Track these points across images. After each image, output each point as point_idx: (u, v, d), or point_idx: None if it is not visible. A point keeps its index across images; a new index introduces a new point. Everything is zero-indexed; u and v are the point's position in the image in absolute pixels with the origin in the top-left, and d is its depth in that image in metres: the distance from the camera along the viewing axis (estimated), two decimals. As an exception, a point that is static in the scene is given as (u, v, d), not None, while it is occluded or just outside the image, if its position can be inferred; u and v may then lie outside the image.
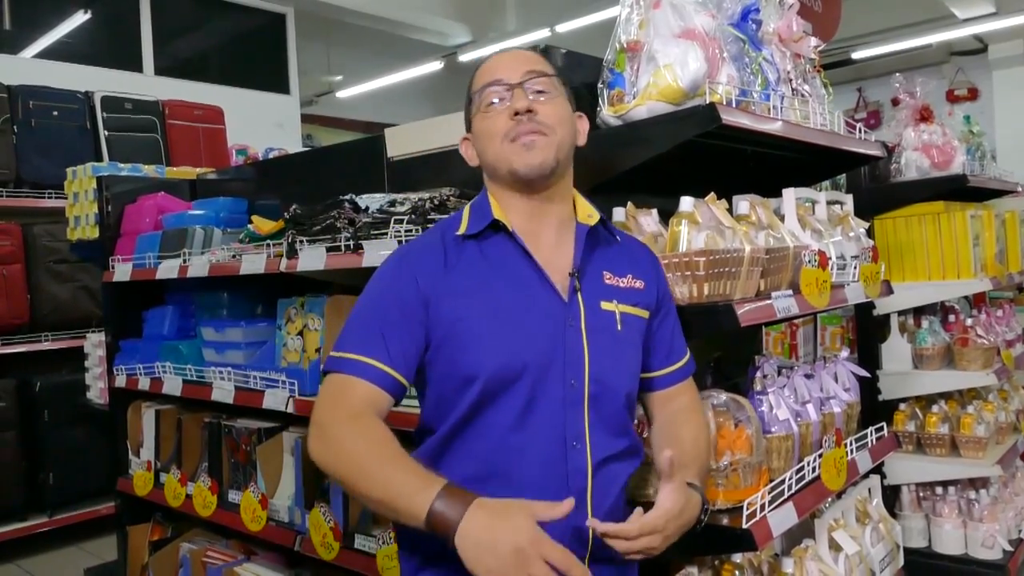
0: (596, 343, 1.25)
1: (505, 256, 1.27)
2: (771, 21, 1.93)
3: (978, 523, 2.97)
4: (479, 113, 1.29)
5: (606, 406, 1.26)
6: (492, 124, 1.26)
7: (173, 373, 2.70)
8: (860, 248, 1.95)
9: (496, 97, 1.26)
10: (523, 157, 1.23)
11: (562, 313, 1.24)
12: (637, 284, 1.34)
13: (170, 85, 5.69)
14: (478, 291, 1.24)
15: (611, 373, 1.27)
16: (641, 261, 1.38)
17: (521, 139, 1.23)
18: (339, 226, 2.10)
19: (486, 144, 1.28)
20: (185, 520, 2.86)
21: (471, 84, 1.32)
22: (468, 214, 1.32)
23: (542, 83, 1.27)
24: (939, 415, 3.01)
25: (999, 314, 3.41)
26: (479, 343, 1.21)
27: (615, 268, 1.33)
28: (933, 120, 3.08)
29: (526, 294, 1.24)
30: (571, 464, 1.21)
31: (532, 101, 1.24)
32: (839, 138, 1.86)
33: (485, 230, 1.28)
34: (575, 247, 1.30)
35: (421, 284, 1.23)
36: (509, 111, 1.24)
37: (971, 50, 8.11)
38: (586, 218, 1.33)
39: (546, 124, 1.24)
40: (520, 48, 1.35)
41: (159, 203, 3.02)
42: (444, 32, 7.72)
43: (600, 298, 1.28)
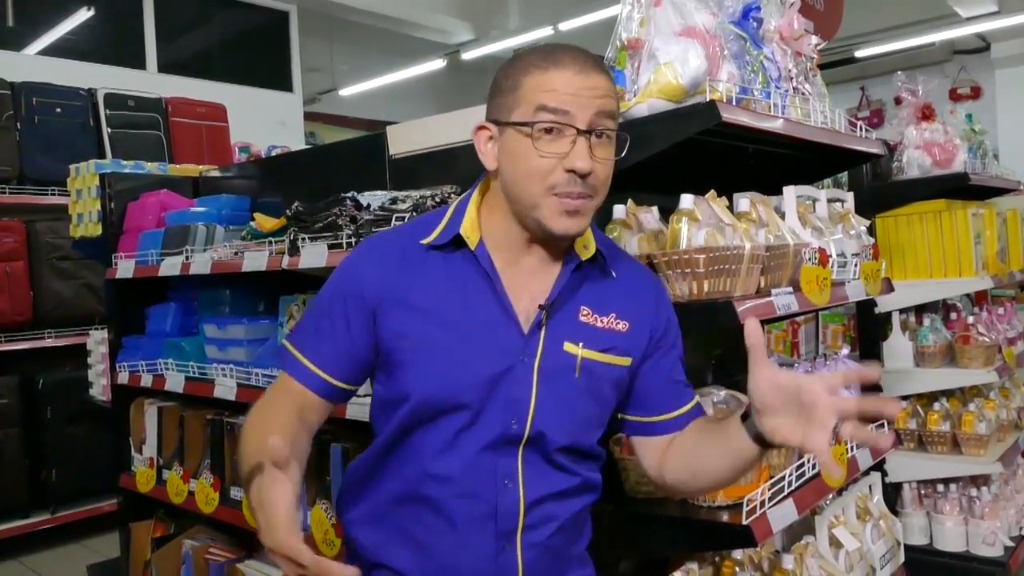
0: (547, 388, 1.14)
1: (468, 276, 1.16)
2: (772, 19, 1.93)
3: (979, 520, 2.98)
4: (525, 135, 1.09)
5: (547, 450, 1.16)
6: (540, 165, 1.08)
7: (176, 370, 2.71)
8: (861, 246, 1.96)
9: (549, 130, 1.08)
10: (562, 222, 1.09)
11: (518, 348, 1.14)
12: (619, 326, 1.19)
13: (173, 82, 5.70)
14: (430, 310, 1.14)
15: (556, 424, 1.15)
16: (636, 300, 1.23)
17: (566, 201, 1.08)
18: (341, 223, 2.11)
19: (522, 179, 1.10)
20: (187, 517, 2.87)
21: (522, 80, 1.10)
22: (445, 221, 1.20)
23: (607, 126, 1.10)
24: (940, 413, 3.02)
25: (1000, 312, 3.41)
26: (416, 366, 1.13)
27: (598, 305, 1.20)
28: (935, 118, 3.09)
29: (482, 322, 1.14)
30: (501, 502, 1.14)
31: (593, 157, 1.08)
32: (840, 136, 1.86)
33: (451, 244, 1.17)
34: (558, 278, 1.17)
35: (370, 291, 1.16)
36: (565, 163, 1.07)
37: (974, 49, 8.10)
38: (581, 249, 1.19)
39: (595, 187, 1.10)
40: (596, 66, 1.12)
41: (162, 200, 3.02)
42: (447, 30, 7.72)
43: (566, 338, 1.16)
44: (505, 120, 1.12)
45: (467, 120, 2.33)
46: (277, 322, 2.49)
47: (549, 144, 1.08)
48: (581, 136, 1.07)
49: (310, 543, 2.19)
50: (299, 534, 0.95)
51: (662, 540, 1.53)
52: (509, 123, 1.11)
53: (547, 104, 1.07)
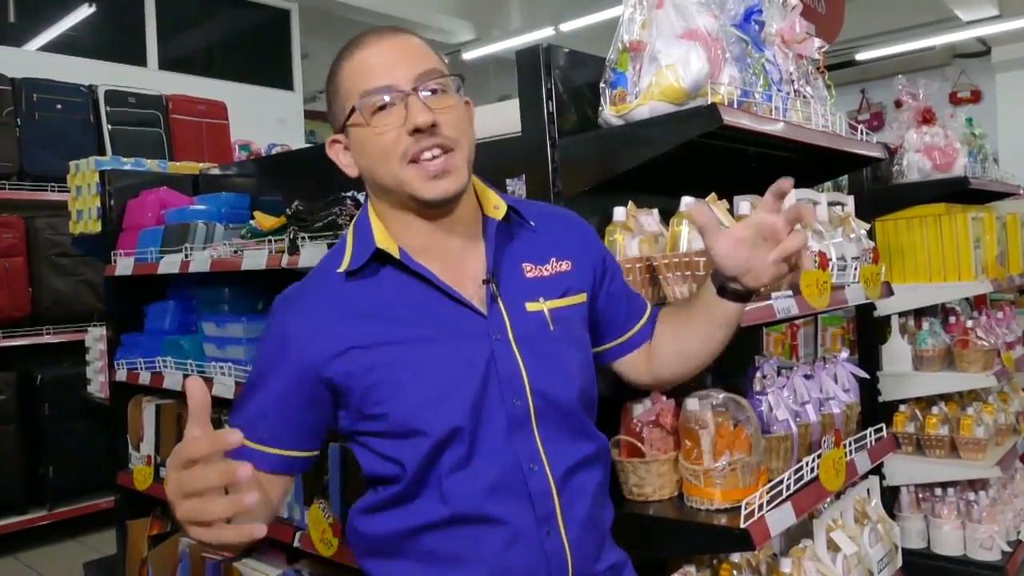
0: (530, 352, 1.12)
1: (402, 285, 1.11)
2: (774, 22, 1.93)
3: (977, 524, 2.98)
4: (362, 125, 1.07)
5: (557, 416, 1.14)
6: (384, 141, 1.06)
7: (174, 368, 2.71)
8: (861, 249, 1.96)
9: (383, 105, 1.06)
10: (432, 187, 1.06)
11: (484, 329, 1.10)
12: (563, 267, 1.19)
13: (174, 80, 5.71)
14: (384, 335, 1.09)
15: (554, 381, 1.14)
16: (564, 237, 1.23)
17: (427, 165, 1.06)
18: (340, 222, 2.11)
19: (376, 164, 1.08)
20: (185, 515, 2.86)
21: (341, 79, 1.10)
22: (351, 244, 1.14)
23: (436, 81, 1.08)
24: (939, 416, 3.02)
25: (999, 316, 3.42)
26: (407, 394, 1.08)
27: (534, 256, 1.18)
28: (935, 122, 3.09)
29: (437, 322, 1.10)
30: (533, 488, 1.10)
31: (431, 110, 1.05)
32: (840, 139, 1.86)
33: (371, 261, 1.11)
34: (486, 248, 1.15)
35: (308, 349, 1.09)
36: (406, 125, 1.05)
37: (974, 52, 8.11)
38: (492, 211, 1.17)
39: (451, 137, 1.06)
40: (394, 31, 1.11)
41: (161, 198, 3.02)
42: (448, 30, 7.72)
43: (524, 299, 1.14)
44: (342, 122, 1.11)
45: (468, 120, 2.36)
46: (276, 321, 2.49)
47: (384, 119, 1.06)
48: (410, 96, 1.05)
49: (307, 543, 2.19)
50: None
51: (659, 543, 1.53)
52: (347, 124, 1.10)
53: (366, 86, 1.07)
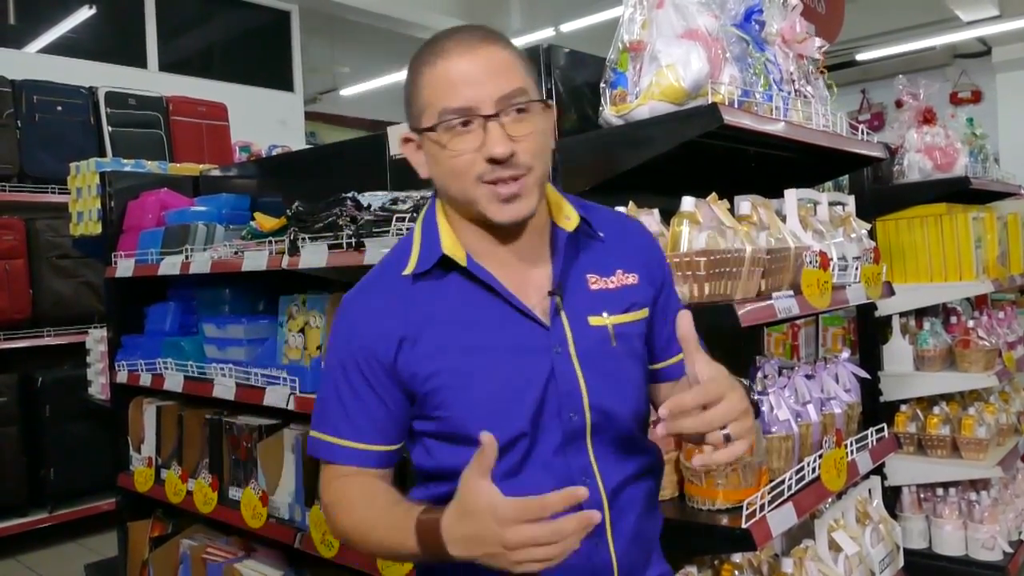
0: (590, 368, 1.10)
1: (466, 292, 1.10)
2: (775, 22, 1.93)
3: (978, 524, 2.98)
4: (437, 140, 1.04)
5: (612, 432, 1.13)
6: (459, 163, 1.03)
7: (175, 369, 2.71)
8: (862, 249, 1.96)
9: (464, 123, 1.03)
10: (503, 211, 1.04)
11: (546, 342, 1.09)
12: (629, 279, 1.16)
13: (174, 81, 5.70)
14: (446, 341, 1.08)
15: (613, 399, 1.12)
16: (632, 249, 1.20)
17: (499, 188, 1.03)
18: (341, 224, 2.10)
19: (448, 180, 1.06)
20: (186, 517, 2.86)
21: (421, 84, 1.07)
22: (418, 245, 1.13)
23: (520, 100, 1.04)
24: (940, 416, 3.01)
25: (1000, 316, 3.41)
26: (461, 403, 1.08)
27: (600, 267, 1.16)
28: (936, 122, 3.09)
29: (500, 332, 1.08)
30: (584, 502, 1.08)
31: (511, 138, 1.02)
32: (841, 139, 1.86)
33: (437, 266, 1.10)
34: (554, 258, 1.13)
35: (381, 348, 1.09)
36: (483, 152, 1.02)
37: (975, 53, 8.10)
38: (564, 222, 1.14)
39: (525, 165, 1.03)
40: (483, 41, 1.05)
41: (162, 199, 3.02)
42: (448, 31, 7.71)
43: (587, 313, 1.12)
44: (418, 127, 1.08)
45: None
46: (277, 322, 2.49)
47: (461, 141, 1.03)
48: (490, 121, 1.02)
49: (308, 544, 2.19)
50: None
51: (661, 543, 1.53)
52: (421, 130, 1.07)
53: (448, 105, 1.03)
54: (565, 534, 0.90)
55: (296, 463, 2.37)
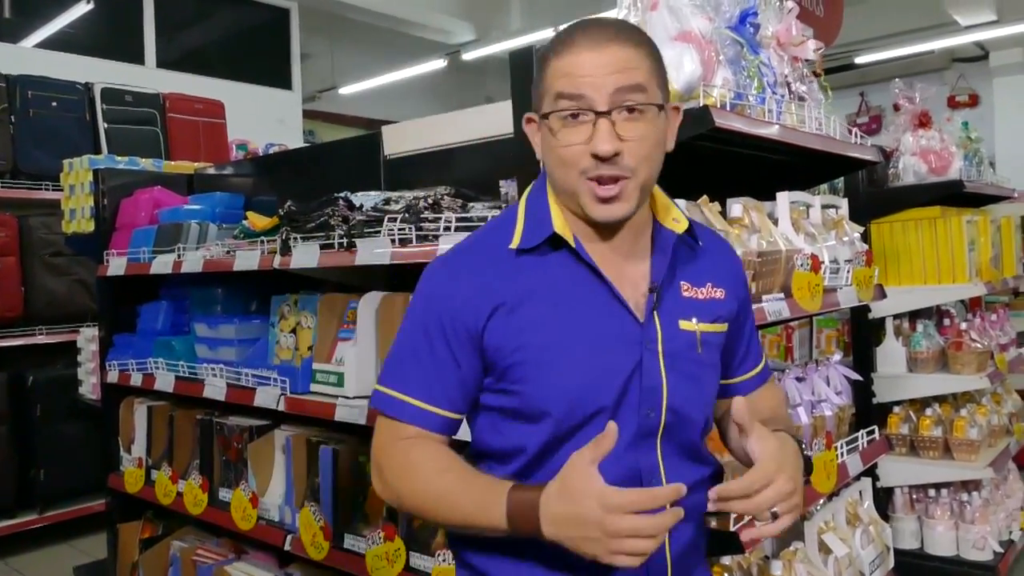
0: (675, 369, 1.11)
1: (569, 273, 1.10)
2: (770, 24, 1.93)
3: (970, 525, 2.98)
4: (551, 126, 1.06)
5: (681, 435, 1.13)
6: (567, 153, 1.05)
7: (166, 369, 2.70)
8: (854, 252, 1.95)
9: (574, 115, 1.04)
10: (599, 208, 1.06)
11: (638, 336, 1.09)
12: (717, 294, 1.18)
13: (172, 78, 5.69)
14: (545, 317, 1.08)
15: (690, 402, 1.13)
16: (722, 265, 1.22)
17: (598, 189, 1.05)
18: (333, 224, 2.10)
19: (556, 167, 1.08)
20: (176, 518, 2.85)
21: (546, 70, 1.08)
22: (523, 220, 1.13)
23: (634, 100, 1.03)
24: (932, 418, 3.02)
25: (993, 318, 3.42)
26: (546, 379, 1.07)
27: (694, 277, 1.17)
28: (931, 126, 3.09)
29: (597, 317, 1.09)
30: None
31: (619, 137, 1.03)
32: (834, 143, 1.86)
33: (544, 243, 1.11)
34: (657, 257, 1.14)
35: (471, 311, 1.08)
36: (589, 148, 1.03)
37: (973, 57, 8.10)
38: (672, 223, 1.15)
39: (629, 167, 1.04)
40: (612, 38, 1.05)
41: (155, 197, 3.01)
42: (448, 30, 7.71)
43: (679, 316, 1.13)
44: (537, 112, 1.11)
45: (462, 121, 2.35)
46: (268, 322, 2.48)
47: (572, 132, 1.04)
48: (601, 118, 1.02)
49: (298, 546, 2.19)
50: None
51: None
52: (540, 114, 1.10)
53: (563, 91, 1.04)
54: (663, 528, 0.93)
55: (286, 464, 2.36)
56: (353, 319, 2.20)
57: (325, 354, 2.25)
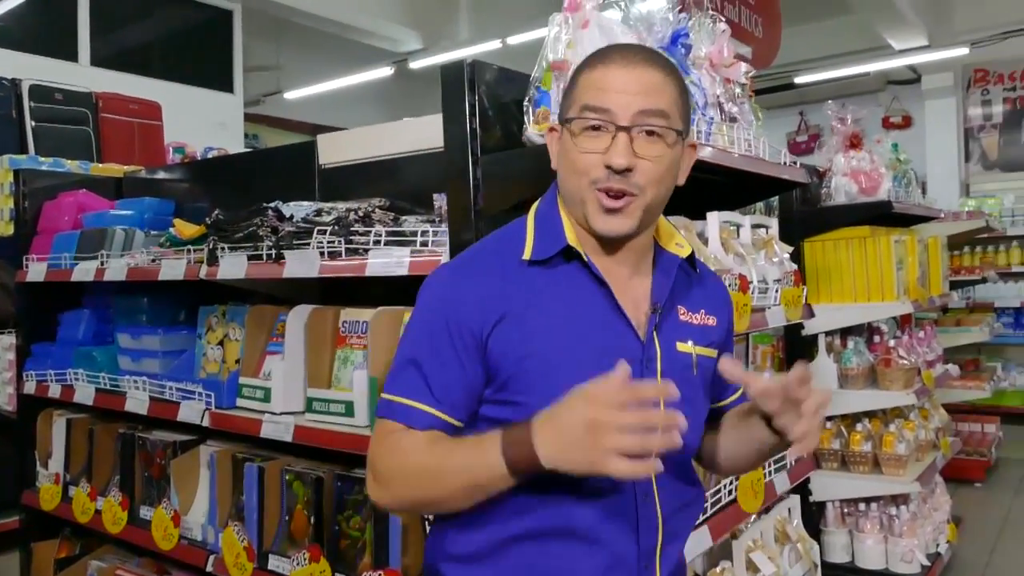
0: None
1: (577, 287, 1.12)
2: (703, 45, 1.94)
3: (898, 538, 3.06)
4: (572, 134, 1.10)
5: (674, 456, 1.11)
6: (581, 161, 1.08)
7: (86, 381, 2.59)
8: (783, 272, 1.98)
9: (595, 127, 1.08)
10: (602, 220, 1.09)
11: (639, 354, 1.11)
12: (710, 321, 1.22)
13: (107, 77, 5.51)
14: (551, 328, 1.09)
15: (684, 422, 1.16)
16: (715, 295, 1.27)
17: (604, 200, 1.08)
18: (261, 234, 2.04)
19: (569, 173, 1.11)
20: (95, 537, 2.73)
21: (577, 80, 1.12)
22: (533, 232, 1.15)
23: (655, 123, 1.08)
24: (863, 433, 3.08)
25: (921, 335, 3.51)
26: (550, 390, 1.04)
27: (691, 303, 1.21)
28: (862, 147, 3.16)
29: (602, 332, 1.11)
30: (642, 519, 1.11)
31: (635, 155, 1.06)
32: (763, 164, 1.88)
33: (555, 256, 1.12)
34: (660, 279, 1.17)
35: (478, 317, 1.08)
36: (604, 159, 1.07)
37: (906, 80, 8.37)
38: (675, 248, 1.19)
39: (639, 185, 1.07)
40: (645, 61, 1.10)
41: (80, 201, 2.90)
42: (395, 38, 7.65)
43: (677, 338, 1.16)
44: (561, 119, 1.14)
45: (398, 132, 2.32)
46: (195, 333, 2.41)
47: (591, 141, 1.08)
48: (621, 132, 1.06)
49: (220, 567, 2.11)
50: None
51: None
52: (563, 121, 1.13)
53: (590, 102, 1.08)
54: (652, 425, 0.92)
55: (211, 481, 2.29)
56: (282, 332, 2.14)
57: (253, 368, 2.19)
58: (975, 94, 8.09)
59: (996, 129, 8.02)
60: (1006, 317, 7.02)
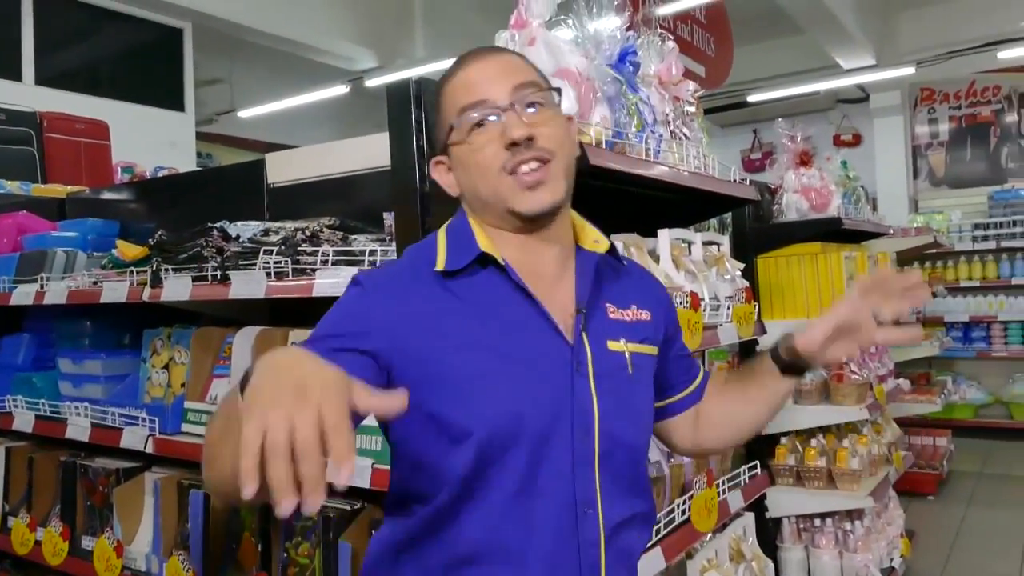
0: (606, 391, 1.08)
1: (498, 294, 1.08)
2: (652, 63, 1.96)
3: (853, 554, 3.07)
4: (462, 143, 1.08)
5: (619, 463, 1.10)
6: (483, 157, 1.06)
7: (25, 408, 2.50)
8: (734, 289, 1.99)
9: (481, 121, 1.07)
10: (528, 199, 1.06)
11: (569, 357, 1.07)
12: (643, 315, 1.18)
13: (52, 97, 5.38)
14: (471, 338, 1.04)
15: (624, 425, 1.10)
16: (645, 288, 1.24)
17: (523, 176, 1.05)
18: (207, 255, 1.99)
19: (476, 179, 1.08)
20: (36, 569, 2.62)
21: (442, 100, 1.12)
22: (444, 244, 1.11)
23: (533, 95, 1.08)
24: (817, 449, 3.10)
25: (872, 350, 3.56)
26: (473, 393, 1.02)
27: (619, 299, 1.17)
28: (812, 164, 3.22)
29: (526, 337, 1.06)
30: (583, 535, 1.05)
31: (528, 124, 1.05)
32: (712, 181, 1.89)
33: (471, 265, 1.09)
34: (580, 279, 1.13)
35: (383, 311, 1.04)
36: (503, 139, 1.05)
37: (855, 98, 8.59)
38: (592, 244, 1.16)
39: (548, 149, 1.06)
40: (494, 50, 1.13)
41: (19, 222, 2.81)
42: (350, 56, 7.62)
43: (607, 337, 1.12)
44: (445, 143, 1.12)
45: (348, 150, 2.29)
46: (139, 357, 2.34)
47: (482, 136, 1.06)
48: (506, 112, 1.06)
49: (162, 599, 2.03)
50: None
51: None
52: (448, 144, 1.11)
53: (464, 103, 1.07)
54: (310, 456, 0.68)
55: (155, 509, 2.21)
56: (229, 355, 2.09)
57: (199, 392, 2.13)
58: (922, 112, 8.32)
59: (943, 147, 8.25)
60: (955, 331, 7.19)
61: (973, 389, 7.17)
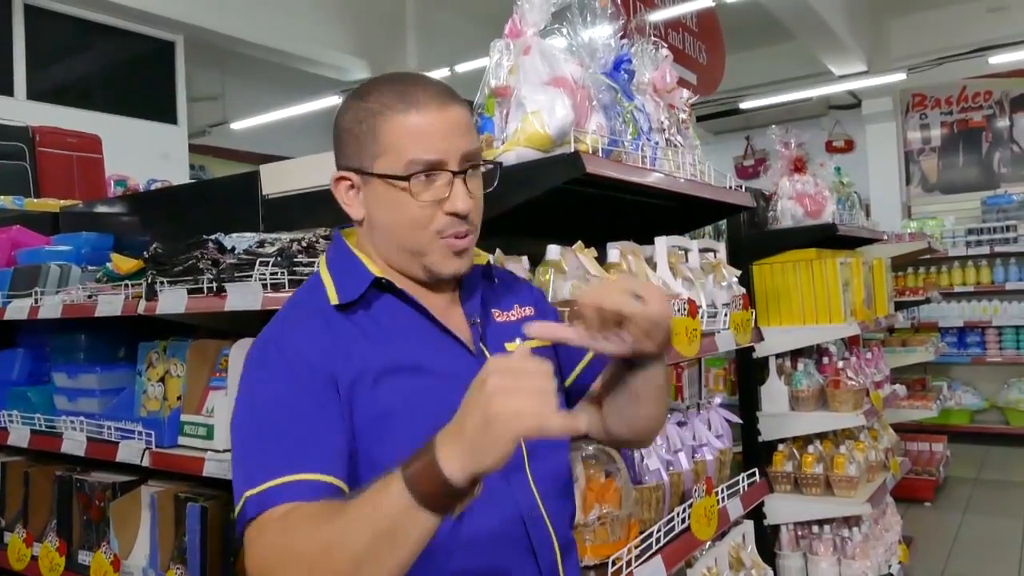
0: None
1: (397, 319, 1.09)
2: (646, 71, 1.96)
3: (851, 560, 3.07)
4: (405, 190, 1.05)
5: (547, 460, 1.12)
6: (420, 214, 1.05)
7: (20, 422, 2.48)
8: (731, 296, 1.99)
9: (429, 176, 1.05)
10: (452, 263, 1.09)
11: (475, 367, 1.04)
12: (526, 311, 1.22)
13: (45, 111, 5.38)
14: (377, 363, 1.03)
15: None
16: (520, 290, 1.28)
17: (453, 242, 1.07)
18: (202, 267, 1.98)
19: (404, 228, 1.07)
20: (31, 584, 2.60)
21: (380, 128, 1.06)
22: (330, 279, 1.11)
23: (477, 161, 1.10)
24: (814, 455, 3.10)
25: (868, 356, 3.57)
26: (401, 428, 1.00)
27: (502, 304, 1.21)
28: (806, 171, 3.23)
29: (437, 358, 1.08)
30: (535, 539, 1.07)
31: (470, 194, 1.07)
32: (707, 188, 1.89)
33: (365, 294, 1.08)
34: (466, 294, 1.16)
35: (322, 362, 1.01)
36: (446, 207, 1.05)
37: (847, 105, 8.64)
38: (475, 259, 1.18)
39: (476, 224, 1.10)
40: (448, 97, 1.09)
41: (13, 237, 2.80)
42: (342, 67, 7.64)
43: (504, 340, 1.16)
44: (369, 170, 1.06)
45: (343, 161, 2.29)
46: (135, 371, 2.32)
47: (426, 191, 1.05)
48: (457, 177, 1.06)
49: (160, 614, 2.02)
50: None
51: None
52: (375, 174, 1.06)
53: (418, 156, 1.04)
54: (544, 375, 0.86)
55: (152, 523, 2.19)
56: (226, 367, 2.08)
57: (195, 404, 2.11)
58: (914, 118, 8.37)
59: (935, 152, 8.30)
60: (950, 337, 7.22)
61: (969, 394, 7.19)
